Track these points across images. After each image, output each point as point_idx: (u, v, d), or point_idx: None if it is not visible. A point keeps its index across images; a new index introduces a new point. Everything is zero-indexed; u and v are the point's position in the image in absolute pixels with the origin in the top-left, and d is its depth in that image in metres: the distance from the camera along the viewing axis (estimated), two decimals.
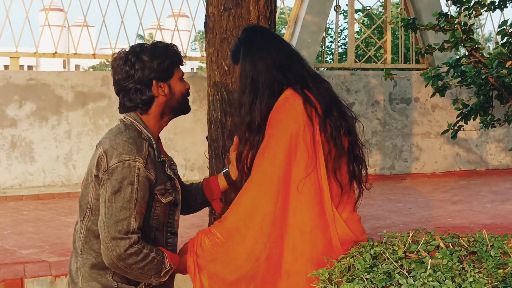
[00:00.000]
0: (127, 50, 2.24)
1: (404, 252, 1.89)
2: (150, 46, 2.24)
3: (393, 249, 1.92)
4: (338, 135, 2.22)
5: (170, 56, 2.24)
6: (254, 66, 2.28)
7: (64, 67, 47.88)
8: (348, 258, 1.96)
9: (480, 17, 8.79)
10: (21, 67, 43.77)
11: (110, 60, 10.01)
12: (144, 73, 2.17)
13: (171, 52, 2.25)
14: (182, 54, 2.38)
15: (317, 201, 2.16)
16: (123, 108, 2.26)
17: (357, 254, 1.98)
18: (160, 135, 2.32)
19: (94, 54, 8.62)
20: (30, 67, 48.03)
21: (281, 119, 2.18)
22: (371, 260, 1.89)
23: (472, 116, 4.25)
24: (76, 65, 51.74)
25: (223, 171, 2.54)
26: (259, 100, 2.26)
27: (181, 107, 2.30)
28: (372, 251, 1.93)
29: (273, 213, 2.12)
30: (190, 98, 2.36)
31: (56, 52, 8.39)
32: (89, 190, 2.16)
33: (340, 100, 2.34)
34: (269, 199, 2.12)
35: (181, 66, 2.31)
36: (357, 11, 12.30)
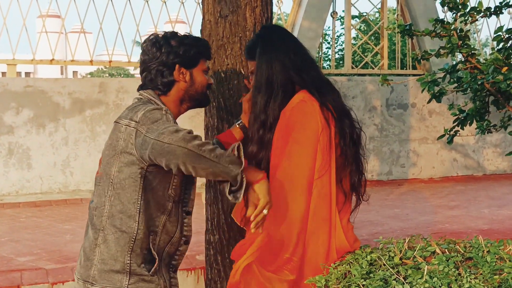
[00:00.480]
0: (159, 34, 2.33)
1: (400, 259, 1.89)
2: (182, 35, 2.33)
3: (389, 256, 1.92)
4: (349, 143, 2.26)
5: (198, 46, 2.32)
6: (271, 65, 2.31)
7: (62, 73, 47.85)
8: (344, 265, 1.96)
9: (477, 22, 8.84)
10: (19, 73, 43.66)
11: (107, 67, 10.01)
12: (169, 57, 2.26)
13: (200, 43, 2.34)
14: None
15: (326, 205, 2.19)
16: (142, 88, 2.34)
17: (353, 261, 1.98)
18: None
19: (91, 61, 8.62)
20: (27, 74, 47.95)
21: (304, 123, 2.21)
22: (368, 266, 1.89)
23: (469, 122, 4.26)
24: (73, 72, 51.68)
25: (236, 123, 2.55)
26: (273, 99, 2.29)
27: (200, 97, 2.35)
28: (368, 258, 1.93)
29: (303, 217, 2.17)
30: None
31: (53, 59, 8.39)
32: (111, 164, 2.17)
33: (348, 110, 2.37)
34: (300, 204, 2.16)
35: (208, 61, 2.38)
36: (353, 17, 12.33)
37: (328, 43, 17.81)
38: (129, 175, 2.14)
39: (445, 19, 4.07)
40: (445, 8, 4.15)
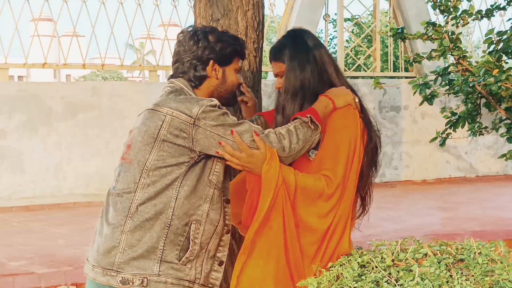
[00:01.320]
0: (198, 27, 2.34)
1: (392, 260, 1.90)
2: (220, 31, 2.34)
3: (381, 258, 1.93)
4: (374, 150, 2.35)
5: (234, 44, 2.33)
6: (303, 69, 2.35)
7: (55, 77, 47.75)
8: (336, 267, 1.97)
9: (469, 24, 8.85)
10: (11, 77, 43.47)
11: (100, 70, 10.00)
12: (204, 52, 2.27)
13: (237, 42, 2.35)
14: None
15: (349, 209, 2.30)
16: (172, 77, 2.34)
17: (345, 263, 1.98)
18: None
19: (84, 64, 8.60)
20: (20, 78, 47.80)
21: (350, 128, 2.29)
22: (359, 268, 1.90)
23: (461, 124, 4.28)
24: (67, 75, 51.52)
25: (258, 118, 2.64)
26: (307, 103, 2.33)
27: (229, 96, 2.38)
28: (359, 260, 1.94)
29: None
30: None
31: (45, 63, 8.36)
32: (146, 151, 2.15)
33: (370, 116, 2.46)
34: (348, 200, 2.28)
35: (241, 61, 2.40)
36: (346, 20, 12.37)
37: None
38: (175, 163, 2.13)
39: (437, 22, 4.09)
40: (437, 11, 4.16)
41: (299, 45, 2.38)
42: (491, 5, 4.26)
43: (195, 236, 2.16)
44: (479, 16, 4.19)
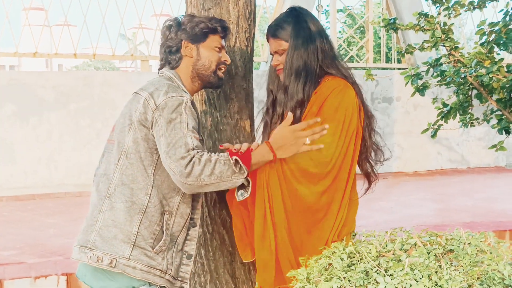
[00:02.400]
0: (178, 17, 2.41)
1: (378, 251, 1.90)
2: (198, 16, 2.40)
3: (369, 248, 1.93)
4: (370, 129, 2.50)
5: (207, 22, 2.34)
6: (306, 49, 2.38)
7: (47, 67, 47.47)
8: (325, 259, 1.97)
9: (462, 16, 8.85)
10: (2, 66, 43.37)
11: (92, 60, 9.92)
12: (176, 34, 2.33)
13: (212, 21, 2.36)
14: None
15: (344, 186, 2.50)
16: (160, 67, 2.41)
17: (331, 255, 1.98)
18: None
19: (75, 54, 8.55)
20: (11, 67, 47.50)
21: (348, 107, 2.33)
22: (349, 259, 1.90)
23: (452, 115, 4.28)
24: (59, 65, 51.26)
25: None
26: (309, 82, 2.37)
27: (209, 74, 2.37)
28: (346, 251, 1.94)
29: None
30: None
31: (36, 52, 8.31)
32: (125, 133, 2.20)
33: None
34: (343, 180, 2.43)
35: (222, 39, 2.39)
36: (339, 10, 12.34)
37: None
38: (146, 149, 2.17)
39: (429, 13, 4.08)
40: (430, 1, 4.15)
41: (302, 24, 2.40)
42: None
43: (167, 227, 2.21)
44: (472, 7, 4.18)
